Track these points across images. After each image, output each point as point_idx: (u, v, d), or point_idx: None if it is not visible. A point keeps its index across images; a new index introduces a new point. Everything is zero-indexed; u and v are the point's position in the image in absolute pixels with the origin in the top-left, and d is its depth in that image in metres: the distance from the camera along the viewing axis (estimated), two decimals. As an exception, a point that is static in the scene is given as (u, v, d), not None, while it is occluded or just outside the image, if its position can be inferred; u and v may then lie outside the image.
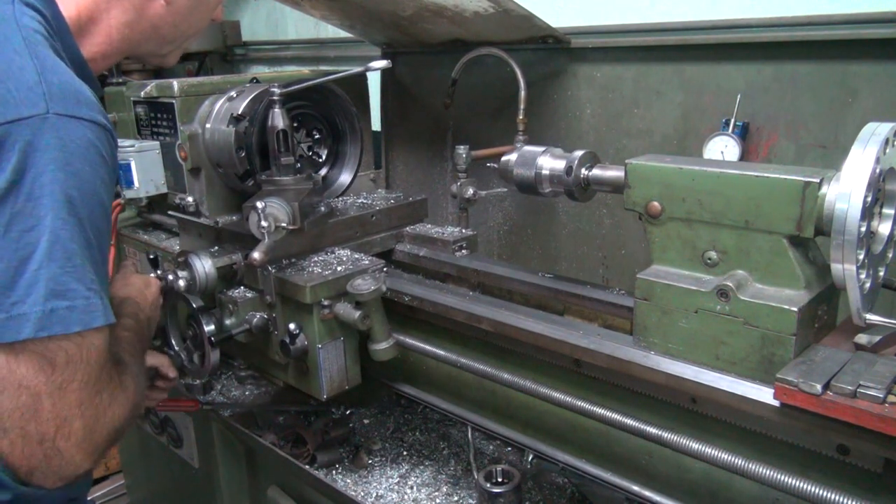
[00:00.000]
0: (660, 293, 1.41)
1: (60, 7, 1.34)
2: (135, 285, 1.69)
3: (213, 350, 1.89)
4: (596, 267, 2.68)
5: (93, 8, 1.40)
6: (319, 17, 2.91)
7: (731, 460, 1.32)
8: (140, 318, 1.60)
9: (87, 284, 1.18)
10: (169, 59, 1.65)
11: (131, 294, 1.64)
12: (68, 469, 1.21)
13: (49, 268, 1.14)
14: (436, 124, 3.03)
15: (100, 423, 1.23)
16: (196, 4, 1.55)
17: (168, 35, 1.55)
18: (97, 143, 1.21)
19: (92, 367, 1.20)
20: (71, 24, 1.36)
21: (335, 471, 2.09)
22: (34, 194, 1.14)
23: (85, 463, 1.23)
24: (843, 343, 1.30)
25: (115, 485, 3.70)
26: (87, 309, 1.18)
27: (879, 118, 1.23)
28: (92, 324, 1.18)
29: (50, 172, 1.14)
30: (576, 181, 1.65)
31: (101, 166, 1.22)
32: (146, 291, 1.70)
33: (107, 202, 1.25)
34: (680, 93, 2.37)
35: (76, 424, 1.19)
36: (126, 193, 2.34)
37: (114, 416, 1.26)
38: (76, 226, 1.17)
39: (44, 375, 1.15)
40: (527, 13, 2.33)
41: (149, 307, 1.68)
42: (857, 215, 1.15)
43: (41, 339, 1.14)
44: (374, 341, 1.82)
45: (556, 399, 1.61)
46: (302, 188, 1.87)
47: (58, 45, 1.30)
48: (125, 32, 1.45)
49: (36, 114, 1.14)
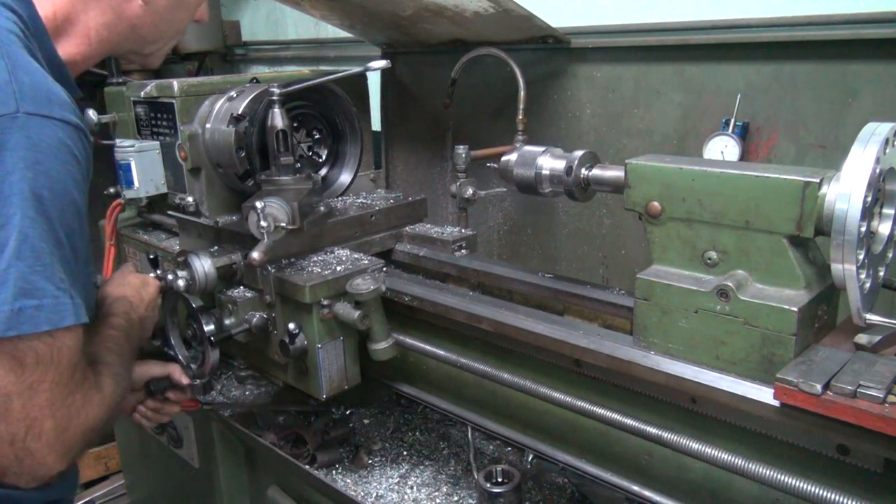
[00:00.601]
0: (660, 293, 1.41)
1: (37, 7, 1.32)
2: (131, 284, 1.68)
3: (212, 350, 1.89)
4: (596, 267, 2.68)
5: (69, 9, 1.39)
6: (319, 17, 2.91)
7: (731, 460, 1.32)
8: (132, 317, 1.59)
9: (56, 284, 1.17)
10: (153, 60, 1.63)
11: (126, 293, 1.64)
12: (41, 470, 1.20)
13: (18, 267, 1.13)
14: (436, 124, 3.03)
15: (72, 424, 1.21)
16: (176, 4, 1.53)
17: (148, 35, 1.53)
18: (69, 142, 1.20)
19: (63, 367, 1.19)
20: (48, 24, 1.34)
21: (335, 471, 2.09)
22: (3, 193, 1.13)
23: (58, 464, 1.21)
24: (843, 343, 1.30)
25: (115, 485, 3.70)
26: (56, 308, 1.16)
27: (879, 118, 1.23)
28: (61, 323, 1.17)
29: (19, 171, 1.13)
30: (576, 181, 1.65)
31: (73, 166, 1.21)
32: (143, 291, 1.70)
33: (80, 201, 1.24)
34: (680, 93, 2.37)
35: (47, 425, 1.18)
36: (126, 193, 2.34)
37: (87, 417, 1.24)
38: (45, 225, 1.16)
39: (13, 375, 1.14)
40: (527, 13, 2.33)
41: (144, 307, 1.67)
42: (857, 215, 1.15)
43: (10, 339, 1.13)
44: (374, 341, 1.82)
45: (556, 399, 1.61)
46: (301, 188, 1.87)
47: (34, 45, 1.29)
48: (103, 33, 1.44)
49: (5, 113, 1.14)
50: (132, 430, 2.98)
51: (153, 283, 1.77)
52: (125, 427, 3.09)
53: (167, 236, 2.55)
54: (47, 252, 1.16)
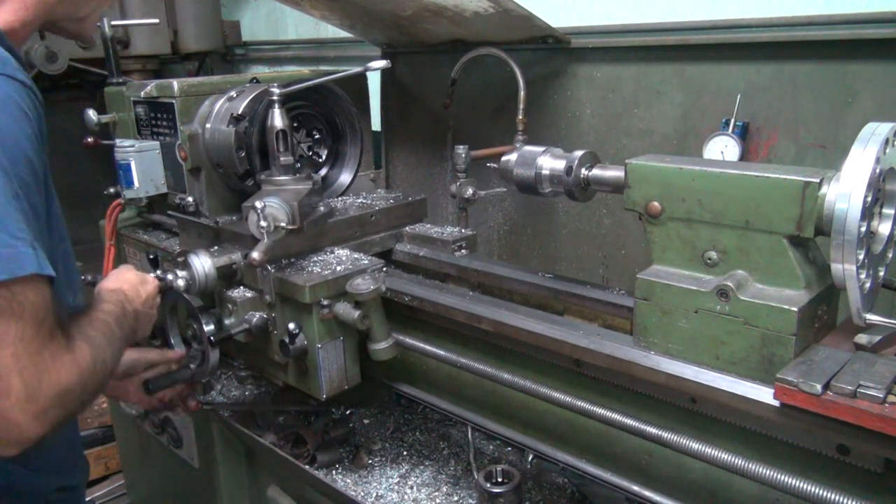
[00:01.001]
0: (660, 293, 1.41)
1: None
2: (129, 280, 1.67)
3: (212, 350, 1.89)
4: (596, 267, 2.68)
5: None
6: (319, 17, 2.91)
7: (731, 460, 1.32)
8: (126, 308, 1.55)
9: (12, 234, 1.12)
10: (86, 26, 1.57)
11: (123, 287, 1.62)
12: (14, 432, 1.14)
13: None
14: (436, 124, 3.03)
15: (43, 384, 1.16)
16: None
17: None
18: (16, 97, 1.19)
19: (26, 322, 1.14)
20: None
21: (335, 471, 2.09)
22: None
23: (33, 426, 1.15)
24: (843, 343, 1.30)
25: (115, 485, 3.70)
26: (13, 257, 1.11)
27: (879, 118, 1.23)
28: (19, 272, 1.12)
29: None
30: (576, 181, 1.65)
31: (22, 120, 1.19)
32: (140, 288, 1.68)
33: (33, 158, 1.20)
34: (680, 93, 2.37)
35: (14, 381, 1.12)
36: (126, 193, 2.34)
37: (59, 378, 1.18)
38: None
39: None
40: (527, 13, 2.33)
41: (140, 302, 1.65)
42: (857, 215, 1.15)
43: None
44: (374, 341, 1.82)
45: (556, 399, 1.61)
46: (301, 188, 1.87)
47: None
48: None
49: None
50: (132, 430, 2.98)
51: (152, 282, 1.76)
52: (125, 427, 3.09)
53: (167, 236, 2.55)
54: (2, 202, 1.12)
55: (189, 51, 4.43)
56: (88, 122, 2.42)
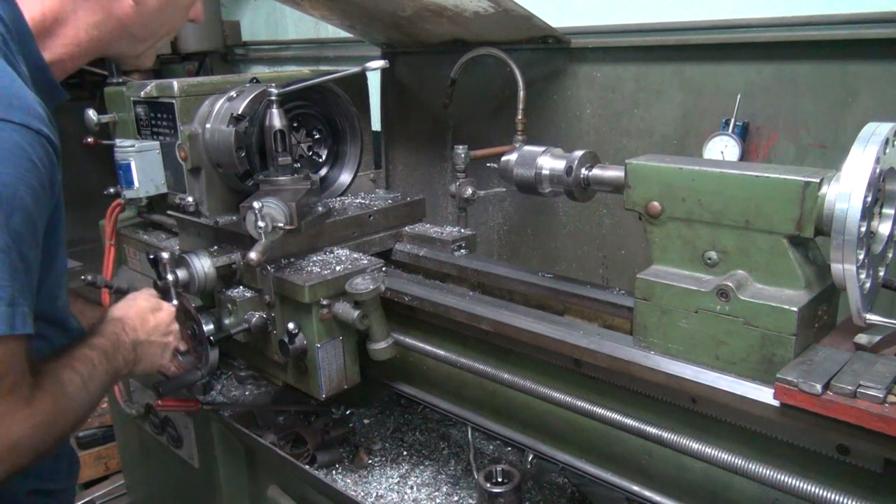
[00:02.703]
0: (660, 293, 1.40)
1: (24, 9, 1.30)
2: (138, 307, 1.64)
3: (212, 350, 1.89)
4: (596, 267, 2.68)
5: (59, 9, 1.36)
6: (319, 17, 2.91)
7: (731, 460, 1.32)
8: (122, 339, 1.52)
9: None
10: (144, 61, 1.58)
11: (128, 315, 1.59)
12: None
13: None
14: (436, 124, 3.03)
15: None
16: (167, 4, 1.49)
17: (139, 34, 1.49)
18: (27, 147, 1.16)
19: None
20: (35, 25, 1.32)
21: (335, 471, 2.09)
22: None
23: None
24: (843, 343, 1.30)
25: (115, 485, 3.70)
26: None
27: (879, 118, 1.23)
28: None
29: None
30: (576, 181, 1.65)
31: (28, 172, 1.16)
32: (150, 316, 1.65)
33: (32, 209, 1.18)
34: (680, 93, 2.37)
35: None
36: (126, 193, 2.34)
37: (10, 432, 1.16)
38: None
39: None
40: (527, 13, 2.33)
41: (146, 332, 1.61)
42: (857, 215, 1.15)
43: None
44: (373, 341, 1.82)
45: (556, 399, 1.61)
46: (299, 188, 1.87)
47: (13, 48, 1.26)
48: (93, 33, 1.41)
49: None
50: (132, 429, 2.98)
51: (167, 309, 1.71)
52: (125, 427, 3.09)
53: (167, 236, 2.55)
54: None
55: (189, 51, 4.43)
56: (88, 122, 2.42)
